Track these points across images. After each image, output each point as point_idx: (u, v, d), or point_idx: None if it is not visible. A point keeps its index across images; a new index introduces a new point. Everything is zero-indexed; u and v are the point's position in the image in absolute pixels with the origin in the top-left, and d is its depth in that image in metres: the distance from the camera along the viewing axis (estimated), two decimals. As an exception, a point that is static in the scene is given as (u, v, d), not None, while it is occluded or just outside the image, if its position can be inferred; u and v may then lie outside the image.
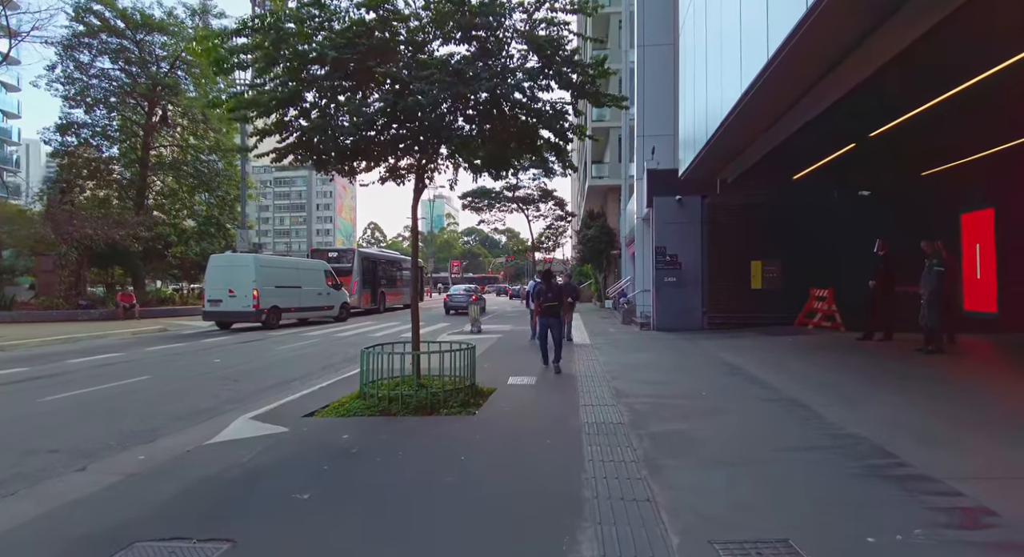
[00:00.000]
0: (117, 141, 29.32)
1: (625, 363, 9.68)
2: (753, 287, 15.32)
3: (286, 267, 20.52)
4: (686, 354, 10.74)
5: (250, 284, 17.50)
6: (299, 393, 7.49)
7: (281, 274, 19.26)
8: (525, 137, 6.72)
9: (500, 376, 8.32)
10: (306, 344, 14.14)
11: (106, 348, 12.89)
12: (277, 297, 18.48)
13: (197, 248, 25.46)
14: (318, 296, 21.09)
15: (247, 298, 17.46)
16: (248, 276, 17.56)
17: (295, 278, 19.92)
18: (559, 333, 9.14)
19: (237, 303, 17.53)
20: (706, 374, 8.41)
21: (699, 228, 15.51)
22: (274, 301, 18.31)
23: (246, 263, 18.16)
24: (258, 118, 6.34)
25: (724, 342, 12.24)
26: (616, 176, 30.36)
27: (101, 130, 28.51)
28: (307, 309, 20.43)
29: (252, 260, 18.51)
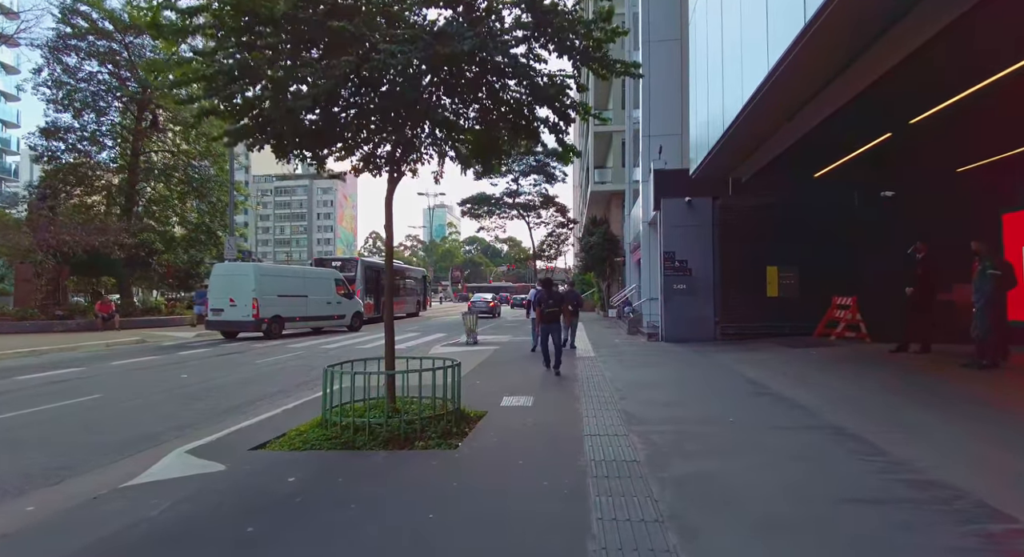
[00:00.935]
0: (106, 146, 28.51)
1: (634, 380, 8.63)
2: (769, 295, 14.29)
3: (290, 276, 20.04)
4: (701, 369, 9.69)
5: (250, 293, 17.08)
6: (259, 416, 6.47)
7: (284, 283, 18.75)
8: (520, 118, 5.72)
9: (492, 396, 7.28)
10: (289, 357, 13.12)
11: (68, 362, 11.87)
12: (280, 306, 17.99)
13: (185, 256, 24.49)
14: (327, 305, 20.53)
15: (247, 307, 17.06)
16: (248, 285, 17.14)
17: (300, 287, 19.41)
18: (559, 339, 9.60)
19: (237, 313, 17.15)
20: (728, 393, 7.35)
21: (710, 232, 14.50)
22: (276, 310, 17.84)
23: (246, 272, 17.81)
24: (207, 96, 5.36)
25: (741, 355, 11.18)
26: (619, 181, 29.43)
27: (90, 135, 27.72)
28: (314, 318, 19.87)
29: (252, 269, 18.14)
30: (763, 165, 11.00)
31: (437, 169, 6.89)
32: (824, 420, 5.65)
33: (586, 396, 7.22)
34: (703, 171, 12.03)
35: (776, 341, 12.99)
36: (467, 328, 15.21)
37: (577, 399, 7.09)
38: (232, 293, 17.22)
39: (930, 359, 9.39)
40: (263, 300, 17.34)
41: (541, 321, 9.67)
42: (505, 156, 6.29)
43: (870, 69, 6.74)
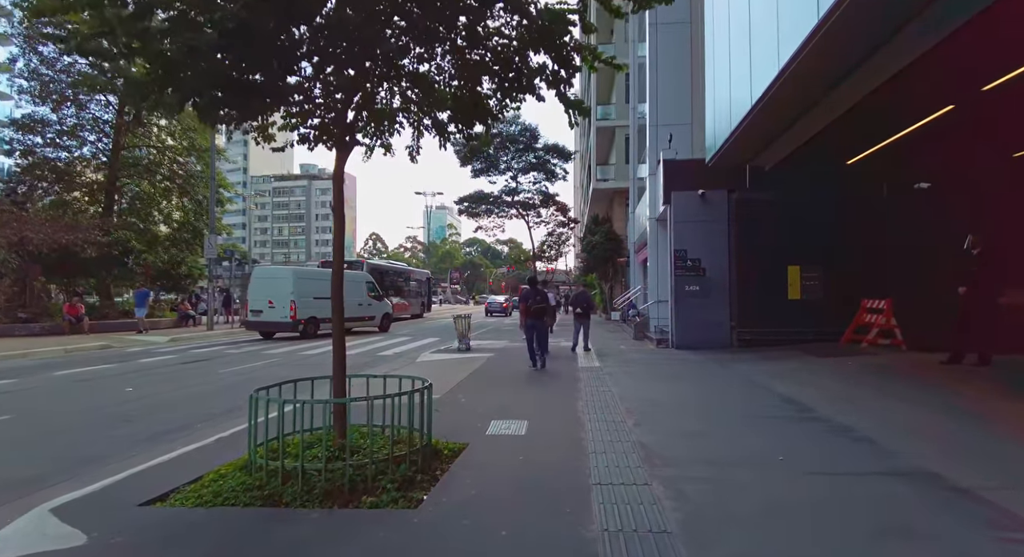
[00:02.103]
0: (87, 141, 27.27)
1: (647, 397, 7.32)
2: (790, 297, 12.97)
3: (325, 279, 19.76)
4: (723, 383, 8.37)
5: (288, 296, 17.66)
6: (186, 447, 5.19)
7: (320, 286, 18.64)
8: (508, 66, 4.43)
9: (478, 420, 5.98)
10: (260, 365, 11.82)
11: (4, 372, 10.56)
12: (315, 308, 18.22)
13: (166, 256, 23.18)
14: (359, 307, 20.77)
15: (285, 309, 17.60)
16: (286, 288, 17.76)
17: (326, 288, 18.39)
18: (543, 334, 10.17)
19: (276, 314, 17.72)
20: (764, 418, 6.03)
21: (726, 228, 13.19)
22: (312, 312, 18.17)
23: (285, 276, 18.54)
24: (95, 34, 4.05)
25: (764, 365, 9.87)
26: (623, 178, 28.15)
27: (70, 128, 26.49)
28: (347, 320, 18.50)
29: (291, 273, 18.88)
30: (791, 151, 9.70)
31: (412, 143, 5.61)
32: (908, 462, 4.34)
33: (592, 420, 5.91)
34: (721, 158, 10.73)
35: (800, 349, 11.69)
36: (459, 333, 13.90)
37: (581, 424, 5.78)
38: (271, 295, 17.79)
39: (996, 373, 8.07)
40: (300, 302, 17.77)
41: (527, 317, 10.09)
42: (494, 120, 4.97)
43: (941, 21, 5.45)
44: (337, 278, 4.60)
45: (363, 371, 11.06)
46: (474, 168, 32.00)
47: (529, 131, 30.40)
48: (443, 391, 7.91)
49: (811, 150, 10.06)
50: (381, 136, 5.43)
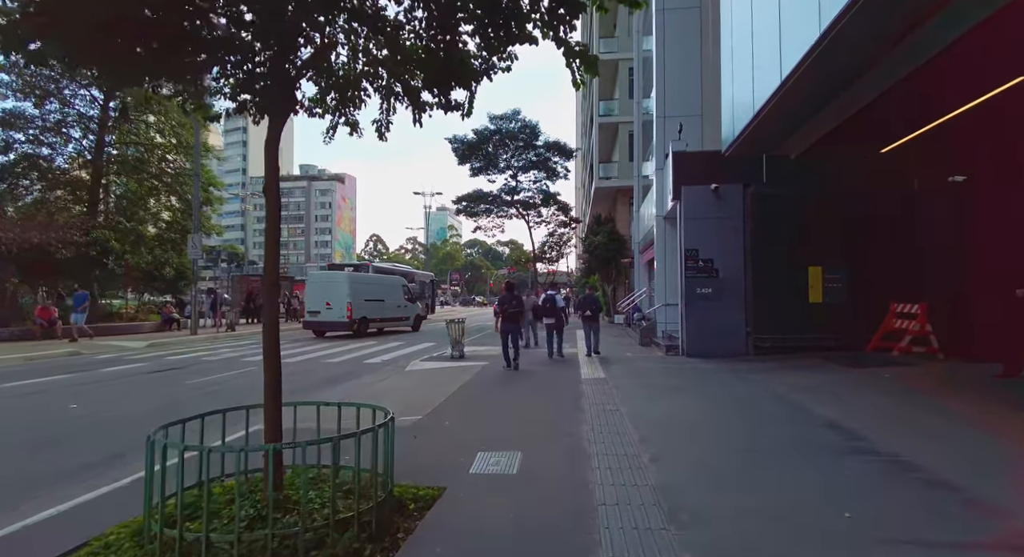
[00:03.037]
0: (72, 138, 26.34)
1: (663, 419, 6.29)
2: (811, 301, 11.94)
3: (372, 283, 22.02)
4: (748, 400, 7.33)
5: (345, 298, 19.01)
6: (93, 491, 4.22)
7: (368, 289, 20.65)
8: (494, 9, 3.41)
9: (462, 450, 4.96)
10: (233, 375, 10.82)
11: (-51, 383, 9.57)
12: (366, 309, 19.87)
13: (149, 256, 22.18)
14: (397, 308, 22.55)
15: (342, 310, 18.92)
16: (343, 291, 19.16)
17: (379, 292, 21.46)
18: (517, 337, 10.68)
19: (333, 314, 19.05)
20: (809, 450, 4.99)
21: (740, 225, 12.17)
22: (364, 312, 19.69)
23: (340, 280, 19.94)
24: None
25: (790, 377, 8.84)
26: (626, 176, 27.11)
27: (54, 124, 25.58)
28: (388, 320, 21.88)
29: (346, 277, 20.31)
30: (821, 135, 8.67)
31: (381, 117, 4.61)
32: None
33: (598, 452, 4.88)
34: (740, 146, 9.70)
35: (823, 357, 10.66)
36: (452, 339, 12.87)
37: (586, 457, 4.75)
38: (328, 297, 19.12)
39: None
40: (355, 303, 19.15)
41: (504, 321, 10.59)
42: (475, 81, 3.96)
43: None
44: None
45: (341, 383, 10.14)
46: (472, 166, 30.98)
47: (529, 128, 29.38)
48: (427, 409, 6.89)
49: (842, 135, 9.04)
50: (344, 109, 4.45)
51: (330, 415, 4.11)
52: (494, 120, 29.42)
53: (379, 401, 7.94)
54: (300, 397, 8.74)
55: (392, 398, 7.89)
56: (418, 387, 8.89)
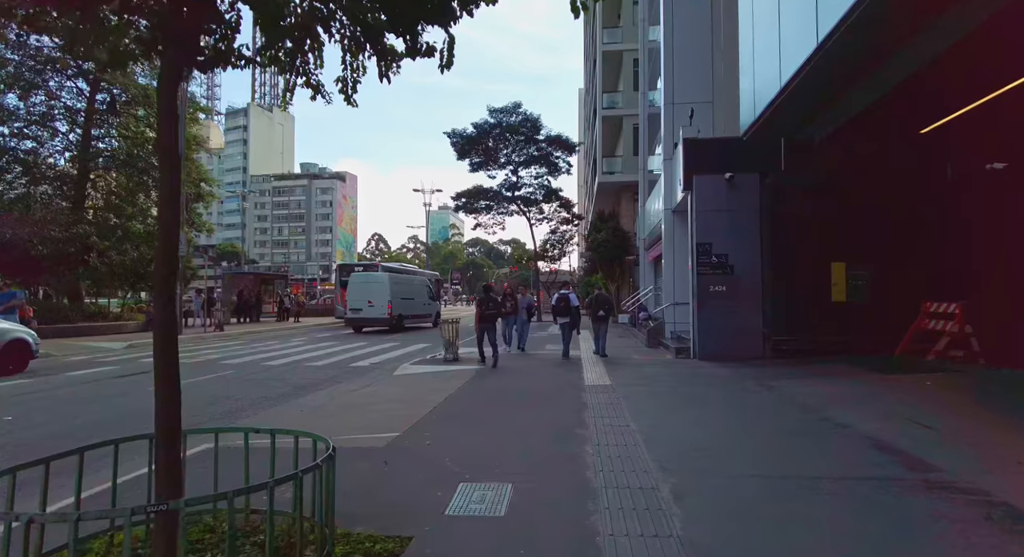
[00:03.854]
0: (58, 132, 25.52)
1: (682, 439, 5.35)
2: (834, 300, 11.00)
3: (404, 283, 23.62)
4: (778, 413, 6.40)
5: (386, 296, 20.78)
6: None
7: (403, 288, 22.57)
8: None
9: (440, 482, 4.05)
10: (206, 380, 9.92)
11: None
12: (402, 307, 21.77)
13: (135, 253, 21.29)
14: (423, 305, 24.64)
15: (383, 308, 20.71)
16: (384, 290, 20.92)
17: (410, 291, 23.47)
18: (494, 336, 11.04)
19: (375, 311, 20.76)
20: (868, 486, 4.04)
21: (757, 218, 11.24)
22: (400, 310, 21.55)
23: (381, 280, 21.66)
24: None
25: (819, 385, 7.91)
26: (631, 171, 26.19)
27: (40, 118, 24.76)
28: (417, 316, 23.71)
29: (386, 278, 21.92)
30: (853, 115, 7.72)
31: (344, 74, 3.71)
32: None
33: (608, 485, 3.96)
34: (761, 129, 8.77)
35: (849, 362, 9.73)
36: (446, 341, 11.95)
37: (592, 493, 3.83)
38: (370, 296, 20.82)
39: None
40: (394, 302, 20.90)
41: (480, 322, 11.04)
42: (453, 19, 3.05)
43: None
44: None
45: (317, 390, 9.09)
46: (472, 162, 30.02)
47: (530, 121, 28.39)
48: (407, 424, 5.98)
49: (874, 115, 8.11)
50: (299, 64, 3.55)
51: (259, 452, 3.18)
52: (494, 113, 28.47)
53: (355, 413, 7.07)
54: (265, 406, 7.83)
55: (371, 410, 6.99)
56: (403, 395, 7.98)
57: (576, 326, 12.67)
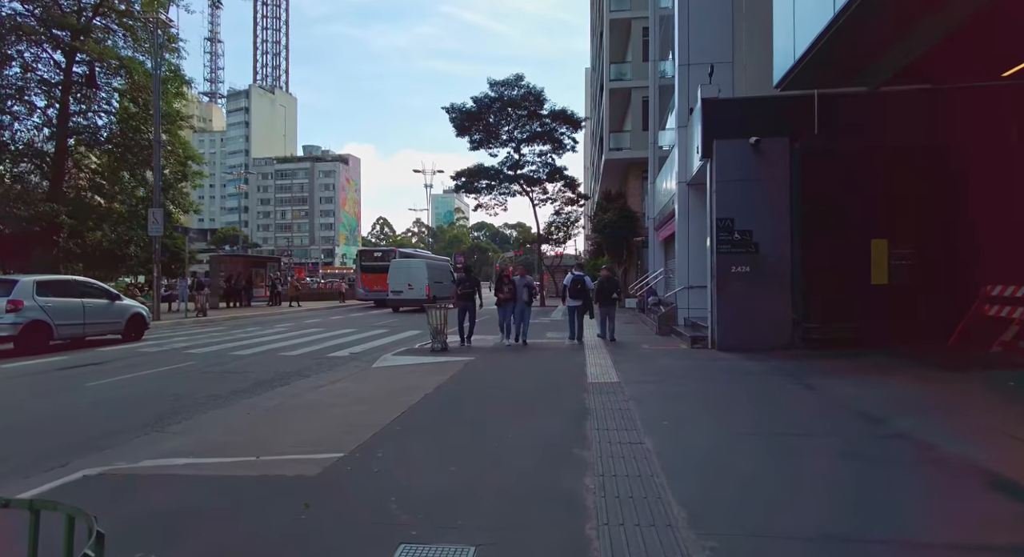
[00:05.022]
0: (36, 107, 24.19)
1: (714, 467, 4.04)
2: (874, 282, 9.62)
3: (436, 267, 26.16)
4: (832, 427, 5.04)
5: (424, 280, 23.49)
6: None
7: (435, 273, 25.01)
8: None
9: (377, 536, 2.77)
10: (152, 375, 8.71)
11: None
12: (436, 289, 23.57)
13: (113, 234, 20.04)
14: (448, 287, 25.53)
15: (422, 290, 23.21)
16: (422, 274, 23.75)
17: (439, 275, 25.65)
18: (474, 314, 11.53)
19: (415, 293, 23.25)
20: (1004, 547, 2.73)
21: (786, 189, 9.83)
22: (435, 292, 23.24)
23: (419, 266, 24.59)
24: None
25: (865, 383, 6.59)
26: (640, 147, 24.63)
27: (16, 92, 23.40)
28: (444, 298, 24.65)
29: (424, 263, 25.05)
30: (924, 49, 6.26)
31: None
32: None
33: (618, 548, 2.66)
34: (802, 74, 7.27)
35: (896, 354, 8.38)
36: (433, 328, 10.67)
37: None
38: (410, 279, 23.62)
39: None
40: (431, 285, 23.25)
41: (459, 300, 11.37)
42: None
43: None
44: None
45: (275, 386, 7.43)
46: (472, 139, 28.49)
47: (533, 95, 26.73)
48: (361, 438, 4.72)
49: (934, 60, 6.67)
50: None
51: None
52: (495, 87, 26.81)
53: (307, 419, 5.75)
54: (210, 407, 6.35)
55: (328, 414, 5.73)
56: (372, 394, 6.72)
57: (588, 309, 12.04)
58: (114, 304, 12.68)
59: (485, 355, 9.95)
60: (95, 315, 12.11)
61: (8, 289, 10.70)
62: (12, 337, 10.53)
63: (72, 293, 11.80)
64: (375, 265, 28.01)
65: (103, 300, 12.49)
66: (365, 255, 30.37)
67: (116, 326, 12.73)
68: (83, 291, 12.11)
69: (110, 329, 12.66)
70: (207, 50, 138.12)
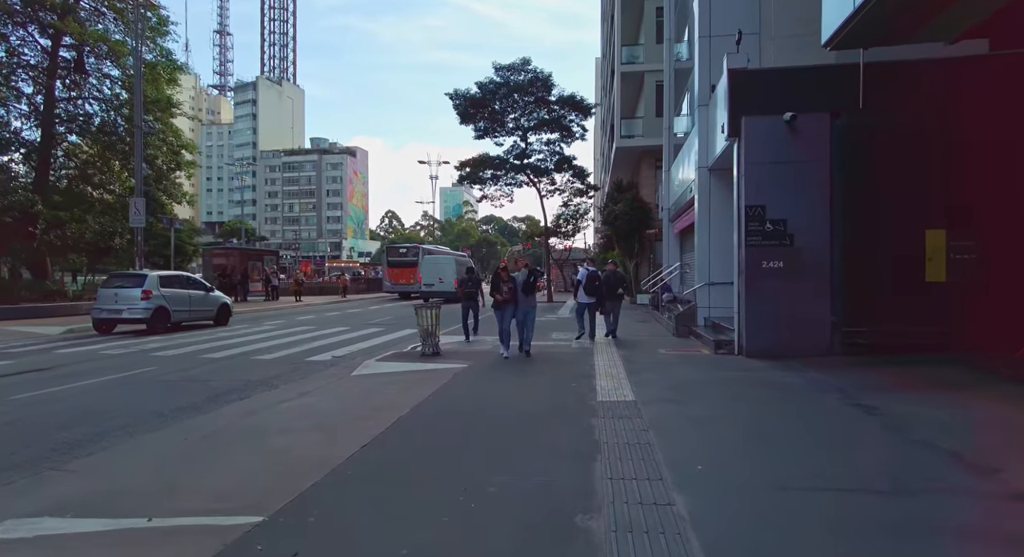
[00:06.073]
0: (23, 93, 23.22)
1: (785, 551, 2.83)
2: (929, 279, 8.34)
3: (461, 263, 27.47)
4: (921, 475, 3.82)
5: (453, 275, 24.81)
6: None
7: (460, 268, 24.97)
8: None
9: None
10: (100, 383, 7.63)
11: None
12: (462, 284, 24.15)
13: (96, 225, 19.02)
14: None
15: (451, 283, 24.20)
16: (451, 269, 25.56)
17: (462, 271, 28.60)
18: (477, 312, 11.57)
19: (444, 287, 24.86)
20: None
21: (826, 171, 8.57)
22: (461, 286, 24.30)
23: (448, 261, 27.27)
24: None
25: (938, 404, 5.37)
26: (653, 134, 23.26)
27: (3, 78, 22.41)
28: None
29: (453, 259, 27.71)
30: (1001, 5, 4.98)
31: None
32: None
33: None
34: (861, 26, 6.00)
35: (959, 363, 7.12)
36: (423, 330, 9.50)
37: None
38: (440, 274, 25.97)
39: None
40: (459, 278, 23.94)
41: (462, 299, 11.68)
42: None
43: None
44: None
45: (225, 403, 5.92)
46: (476, 127, 27.22)
47: (541, 80, 25.43)
48: (301, 486, 3.58)
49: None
50: None
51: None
52: (500, 71, 25.50)
53: (243, 452, 4.53)
54: (143, 429, 5.36)
55: (272, 444, 4.61)
56: (335, 417, 5.57)
57: (601, 306, 11.35)
58: (209, 295, 15.07)
59: (480, 361, 8.77)
60: (197, 304, 14.54)
61: (140, 282, 13.20)
62: (145, 319, 13.06)
63: (182, 285, 14.30)
64: (401, 260, 30.47)
65: (201, 292, 14.84)
66: (391, 251, 32.80)
67: (210, 313, 15.03)
68: (188, 284, 14.65)
69: (205, 316, 14.95)
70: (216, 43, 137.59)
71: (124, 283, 13.33)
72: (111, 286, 13.37)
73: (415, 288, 28.22)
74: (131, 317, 13.07)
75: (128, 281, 13.39)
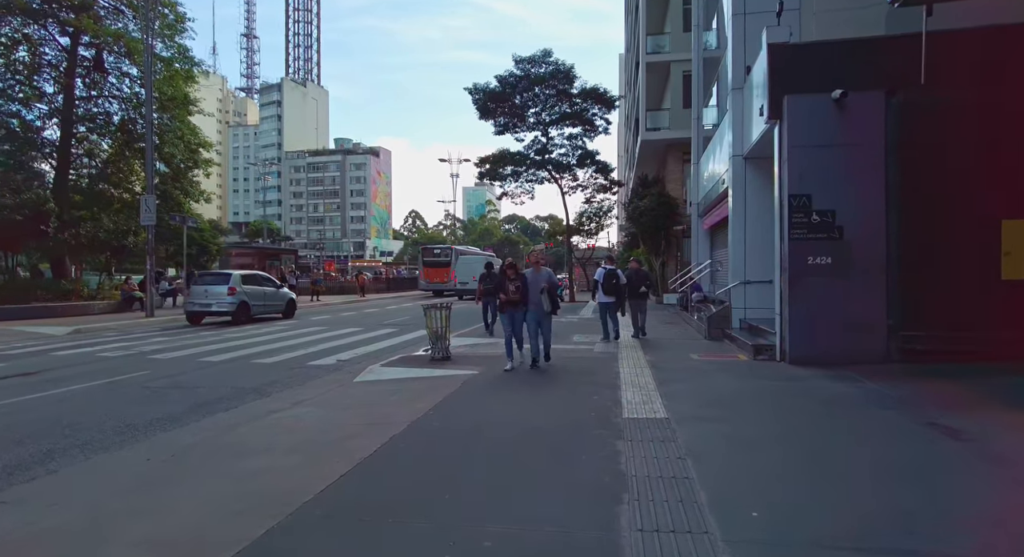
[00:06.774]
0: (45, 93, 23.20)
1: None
2: (1005, 277, 7.34)
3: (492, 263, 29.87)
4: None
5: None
6: None
7: None
8: None
9: None
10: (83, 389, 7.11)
11: None
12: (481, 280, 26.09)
13: (110, 224, 18.75)
14: None
15: None
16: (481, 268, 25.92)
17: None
18: (495, 311, 11.24)
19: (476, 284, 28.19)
20: None
21: (880, 156, 7.61)
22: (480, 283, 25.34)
23: (480, 261, 25.07)
24: None
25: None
26: (680, 127, 22.24)
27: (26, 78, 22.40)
28: None
29: (483, 259, 24.92)
30: None
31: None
32: None
33: None
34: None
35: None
36: (432, 332, 8.79)
37: None
38: (473, 273, 24.30)
39: None
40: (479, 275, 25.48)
41: (481, 295, 12.07)
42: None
43: None
44: None
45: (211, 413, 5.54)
46: (496, 122, 26.49)
47: (562, 73, 24.57)
48: (244, 540, 2.85)
49: None
50: None
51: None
52: (520, 64, 24.73)
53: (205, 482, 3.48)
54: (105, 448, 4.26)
55: (236, 472, 3.93)
56: (322, 434, 4.88)
57: (621, 307, 10.77)
58: (279, 291, 16.93)
59: (492, 367, 7.99)
60: (270, 298, 16.40)
61: (226, 280, 14.98)
62: (231, 312, 14.73)
63: (258, 283, 16.15)
64: (435, 261, 33.15)
65: (272, 288, 16.62)
66: (427, 252, 35.25)
67: (280, 307, 16.86)
68: (263, 281, 16.49)
69: (276, 309, 16.76)
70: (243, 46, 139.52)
71: (213, 280, 15.02)
72: (202, 283, 14.98)
73: (449, 286, 30.57)
74: (219, 310, 14.70)
75: (216, 279, 15.10)
